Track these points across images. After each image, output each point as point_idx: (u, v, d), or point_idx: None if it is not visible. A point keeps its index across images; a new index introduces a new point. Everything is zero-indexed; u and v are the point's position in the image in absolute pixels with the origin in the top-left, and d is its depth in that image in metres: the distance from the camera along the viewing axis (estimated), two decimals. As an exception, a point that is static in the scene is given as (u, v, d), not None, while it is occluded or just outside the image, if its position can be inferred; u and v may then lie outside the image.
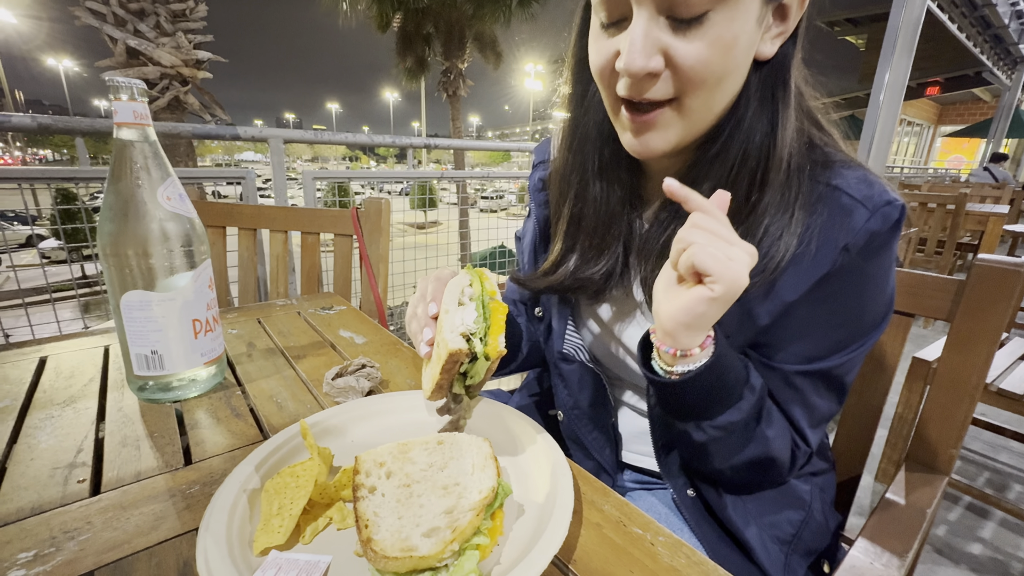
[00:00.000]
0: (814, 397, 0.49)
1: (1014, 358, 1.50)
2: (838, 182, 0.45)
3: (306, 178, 1.82)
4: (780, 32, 0.44)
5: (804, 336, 0.47)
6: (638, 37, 0.40)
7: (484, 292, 0.45)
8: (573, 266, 0.57)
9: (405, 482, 0.36)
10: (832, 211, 0.45)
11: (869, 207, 0.44)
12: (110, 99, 0.47)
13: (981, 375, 0.63)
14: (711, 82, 0.42)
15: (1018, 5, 7.43)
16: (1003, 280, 0.61)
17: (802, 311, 0.46)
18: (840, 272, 0.45)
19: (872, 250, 0.45)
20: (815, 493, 0.58)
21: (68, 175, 1.42)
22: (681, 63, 0.40)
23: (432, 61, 10.38)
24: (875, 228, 0.44)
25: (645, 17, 0.40)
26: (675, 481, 0.55)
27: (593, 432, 0.63)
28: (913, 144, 16.21)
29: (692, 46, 0.40)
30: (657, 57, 0.40)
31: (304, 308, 0.87)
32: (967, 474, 1.69)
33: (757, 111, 0.45)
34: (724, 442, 0.46)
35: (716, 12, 0.39)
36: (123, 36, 4.06)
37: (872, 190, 0.44)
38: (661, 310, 0.41)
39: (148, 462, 0.43)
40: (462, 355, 0.40)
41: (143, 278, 0.48)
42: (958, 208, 3.26)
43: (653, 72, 0.41)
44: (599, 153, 0.54)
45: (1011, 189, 5.30)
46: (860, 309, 0.47)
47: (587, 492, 0.41)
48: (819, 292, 0.46)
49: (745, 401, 0.45)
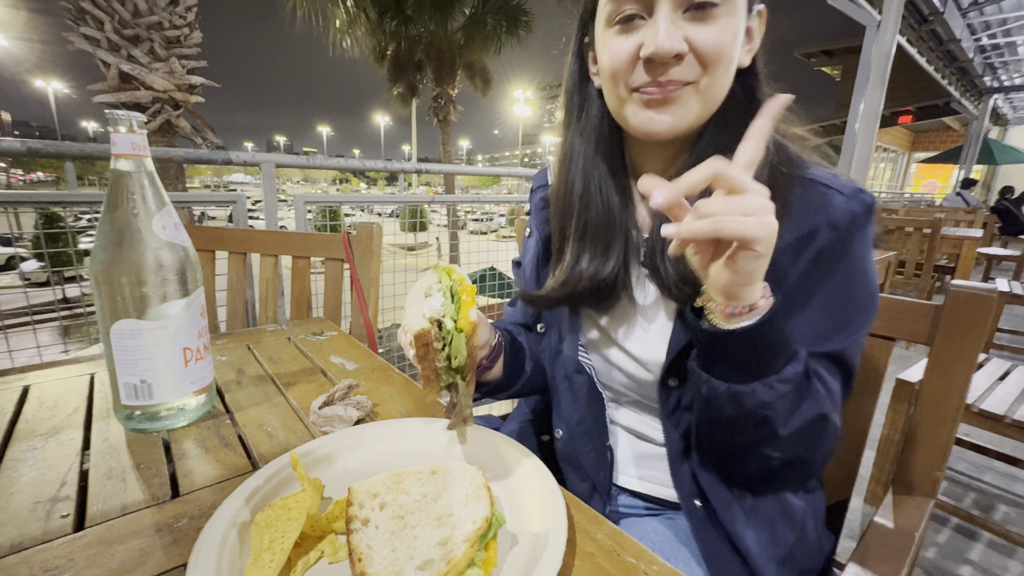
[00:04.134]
0: (827, 376, 0.51)
1: (993, 379, 1.54)
2: (813, 175, 0.52)
3: (297, 202, 1.83)
4: (750, 48, 0.54)
5: (811, 320, 0.51)
6: (665, 25, 0.47)
7: (451, 281, 0.47)
8: (585, 270, 0.60)
9: (399, 513, 0.36)
10: (813, 197, 0.50)
11: (845, 192, 0.50)
12: (109, 130, 0.47)
13: (961, 397, 0.65)
14: (724, 64, 0.49)
15: (981, 40, 7.84)
16: (977, 306, 0.63)
17: (806, 292, 0.50)
18: (830, 249, 0.50)
19: (854, 228, 0.50)
20: (808, 511, 0.58)
21: (55, 199, 1.41)
22: (701, 46, 0.48)
23: (423, 87, 10.58)
24: (854, 208, 0.49)
25: (668, 9, 0.48)
26: (685, 491, 0.56)
27: (591, 452, 0.64)
28: (889, 169, 16.78)
29: (708, 31, 0.48)
30: (682, 42, 0.47)
31: (295, 334, 0.86)
32: (954, 495, 1.70)
33: (739, 108, 0.53)
34: (789, 399, 0.46)
35: (722, 8, 0.48)
36: (116, 61, 4.09)
37: (844, 181, 0.51)
38: (716, 283, 0.42)
39: (134, 495, 0.43)
40: (428, 335, 0.43)
41: (135, 307, 0.48)
42: (934, 232, 3.36)
43: (680, 54, 0.48)
44: (599, 160, 0.59)
45: (982, 213, 5.50)
46: (851, 290, 0.51)
47: (580, 520, 0.41)
48: (815, 272, 0.50)
49: (800, 352, 0.46)
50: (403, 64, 9.97)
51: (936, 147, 15.83)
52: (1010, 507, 1.65)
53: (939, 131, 15.97)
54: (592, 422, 0.64)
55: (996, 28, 7.37)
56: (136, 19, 4.12)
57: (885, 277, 2.28)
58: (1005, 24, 7.19)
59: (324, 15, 7.64)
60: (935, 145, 16.06)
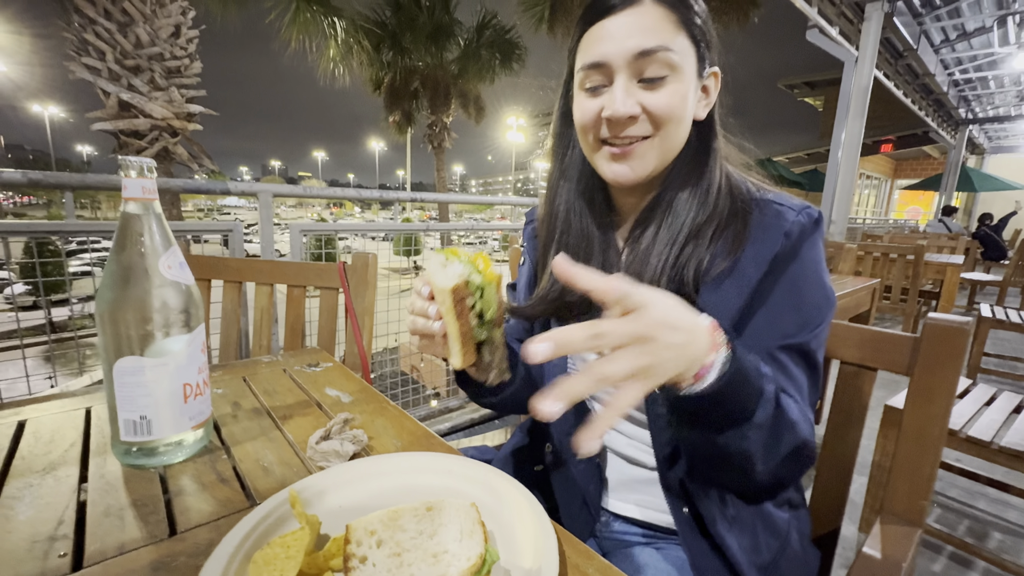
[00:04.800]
0: (795, 370, 0.56)
1: (980, 404, 1.56)
2: (767, 197, 0.60)
3: (293, 231, 1.86)
4: (707, 103, 0.62)
5: (773, 317, 0.56)
6: (621, 93, 0.55)
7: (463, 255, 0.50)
8: (562, 286, 0.65)
9: (396, 550, 0.37)
10: (768, 213, 0.58)
11: (795, 208, 0.58)
12: (120, 175, 0.49)
13: (943, 426, 0.67)
14: (674, 121, 0.57)
15: (954, 75, 8.20)
16: (953, 338, 0.66)
17: (764, 293, 0.56)
18: (784, 255, 0.56)
19: (804, 237, 0.57)
20: (792, 524, 0.62)
21: (52, 229, 1.42)
22: (652, 109, 0.56)
23: (418, 115, 10.81)
24: (803, 221, 0.57)
25: (624, 80, 0.56)
26: (673, 497, 0.59)
27: (580, 464, 0.67)
28: (873, 196, 17.21)
29: (658, 96, 0.56)
30: (635, 106, 0.56)
31: (290, 365, 0.87)
32: (947, 522, 1.70)
33: (696, 154, 0.62)
34: (762, 442, 0.48)
35: (671, 77, 0.56)
36: (116, 90, 4.16)
37: (794, 201, 0.60)
38: None
39: (132, 533, 0.43)
40: (463, 288, 0.45)
41: (139, 344, 0.49)
42: (917, 258, 3.45)
43: (633, 115, 0.56)
44: (580, 189, 0.67)
45: (964, 240, 5.64)
46: (806, 292, 0.57)
47: (571, 555, 0.42)
48: (773, 275, 0.56)
49: (767, 390, 0.48)
50: (399, 93, 10.21)
51: (918, 174, 16.31)
52: (1004, 535, 1.65)
53: (920, 159, 16.49)
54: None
55: (968, 64, 7.72)
56: (138, 50, 4.21)
57: (872, 303, 2.32)
58: (976, 60, 7.54)
59: (318, 46, 7.87)
60: (916, 172, 16.56)
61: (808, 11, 4.94)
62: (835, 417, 0.78)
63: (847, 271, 2.75)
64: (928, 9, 5.76)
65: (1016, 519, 1.74)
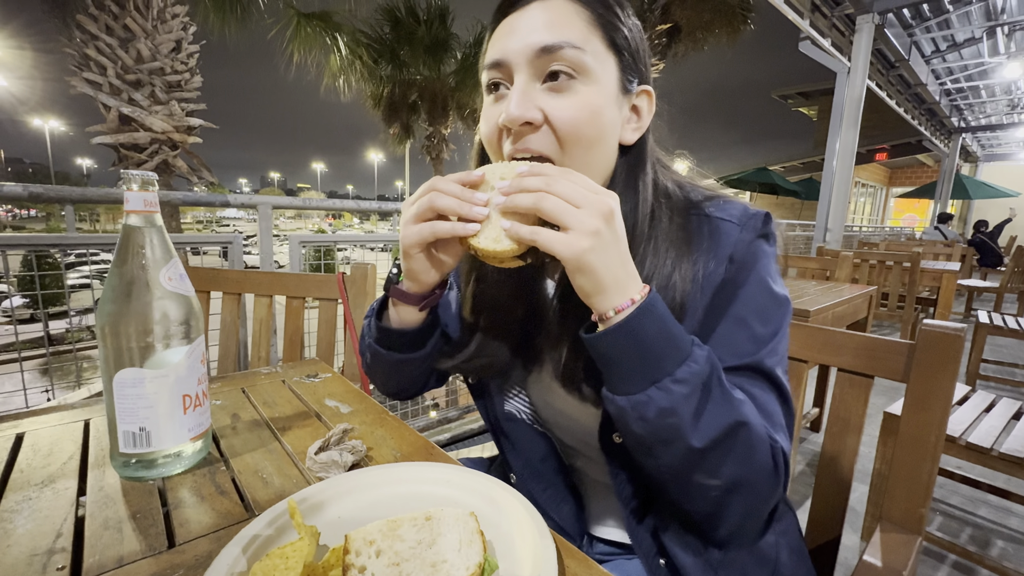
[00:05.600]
0: (756, 392, 0.50)
1: (979, 411, 1.56)
2: (709, 211, 0.55)
3: (292, 242, 1.86)
4: (637, 127, 0.55)
5: (721, 338, 0.51)
6: (517, 92, 0.49)
7: None
8: (475, 348, 0.60)
9: (395, 560, 0.37)
10: (713, 234, 0.53)
11: (737, 222, 0.53)
12: (122, 188, 0.50)
13: (940, 433, 0.67)
14: (584, 142, 0.50)
15: (945, 85, 8.31)
16: (948, 343, 0.66)
17: (712, 319, 0.52)
18: (733, 278, 0.52)
19: (751, 253, 0.53)
20: (780, 543, 0.58)
21: (52, 242, 1.43)
22: (555, 117, 0.49)
23: (417, 126, 10.89)
24: (747, 237, 0.53)
25: (524, 80, 0.49)
26: (646, 550, 0.55)
27: (547, 490, 0.64)
28: (869, 204, 17.33)
29: (563, 104, 0.49)
30: (534, 111, 0.49)
31: (289, 376, 0.87)
32: (949, 530, 1.70)
33: (623, 192, 0.53)
34: (691, 403, 0.43)
35: (581, 82, 0.49)
36: (117, 104, 4.20)
37: (735, 209, 0.54)
38: (575, 282, 0.44)
39: (130, 545, 0.43)
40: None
41: (139, 356, 0.50)
42: (913, 265, 3.47)
43: (530, 121, 0.49)
44: None
45: (960, 247, 5.67)
46: (759, 302, 0.52)
47: (570, 565, 0.42)
48: (720, 298, 0.52)
49: (697, 354, 0.44)
50: (397, 106, 10.30)
51: (912, 182, 16.45)
52: (1006, 542, 1.64)
53: (914, 167, 16.64)
54: (539, 461, 0.65)
55: (959, 73, 7.84)
56: (139, 65, 4.26)
57: (869, 310, 2.33)
58: (967, 70, 7.65)
59: (319, 60, 7.95)
60: (911, 180, 16.70)
61: (800, 23, 5.02)
62: (833, 425, 0.78)
63: (844, 278, 2.76)
64: (918, 21, 5.87)
65: (1018, 526, 1.73)
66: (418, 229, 0.48)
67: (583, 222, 0.41)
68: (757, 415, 0.48)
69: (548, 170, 0.44)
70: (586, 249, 0.41)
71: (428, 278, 0.54)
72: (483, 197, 0.47)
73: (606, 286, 0.43)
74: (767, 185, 10.16)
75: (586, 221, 0.41)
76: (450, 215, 0.47)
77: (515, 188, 0.44)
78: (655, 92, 0.56)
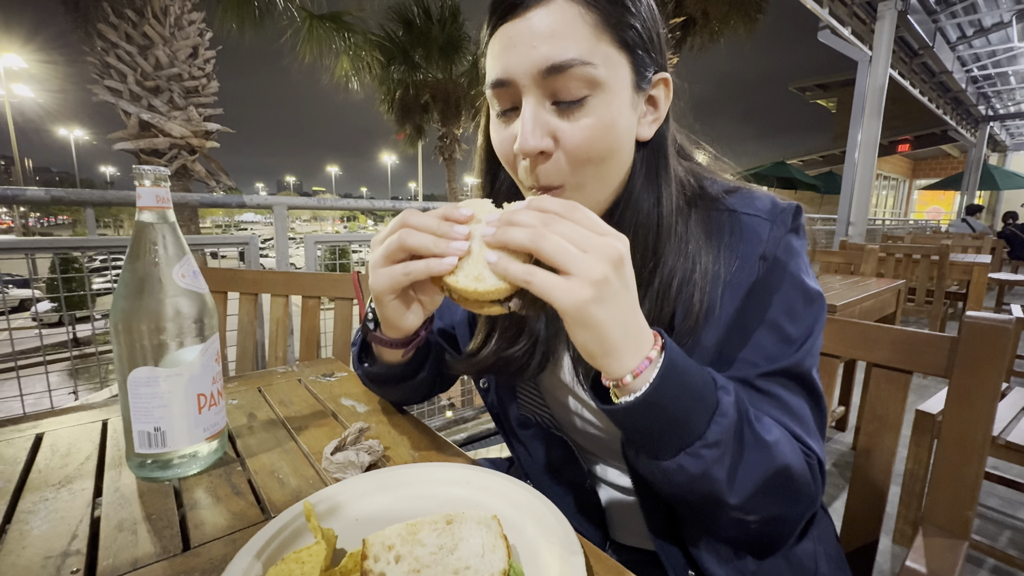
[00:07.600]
0: (788, 397, 0.48)
1: (1017, 409, 1.49)
2: (735, 206, 0.51)
3: (308, 242, 1.87)
4: (655, 118, 0.51)
5: (753, 343, 0.49)
6: (528, 120, 0.45)
7: None
8: (495, 346, 0.58)
9: (415, 567, 0.35)
10: (739, 231, 0.50)
11: (767, 217, 0.49)
12: (135, 184, 0.49)
13: (986, 431, 0.63)
14: (596, 160, 0.47)
15: (972, 72, 8.04)
16: (995, 337, 0.62)
17: (742, 322, 0.49)
18: (766, 278, 0.49)
19: (783, 251, 0.49)
20: (819, 551, 0.55)
21: (74, 244, 1.45)
22: (568, 142, 0.46)
23: (429, 127, 10.94)
24: (779, 234, 0.49)
25: (533, 103, 0.45)
26: (675, 562, 0.52)
27: (566, 496, 0.62)
28: (892, 197, 16.89)
29: (576, 127, 0.45)
30: (547, 139, 0.46)
31: (305, 375, 0.87)
32: (988, 534, 1.62)
33: (643, 187, 0.50)
34: (724, 463, 0.41)
35: (593, 97, 0.45)
36: (137, 110, 4.28)
37: (763, 204, 0.50)
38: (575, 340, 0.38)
39: (145, 548, 0.42)
40: None
41: (153, 354, 0.49)
42: (942, 259, 3.35)
43: (544, 151, 0.46)
44: None
45: (990, 239, 5.48)
46: (793, 302, 0.49)
47: (600, 572, 0.40)
48: (752, 300, 0.49)
49: (724, 404, 0.41)
50: (410, 107, 10.36)
51: (936, 174, 15.98)
52: (1049, 546, 1.57)
53: (938, 158, 16.17)
54: (556, 466, 0.62)
55: (986, 60, 7.57)
56: (157, 71, 4.34)
57: (896, 305, 2.25)
58: (995, 56, 7.39)
59: (331, 63, 8.03)
60: (935, 172, 16.23)
61: (819, 12, 4.90)
62: (868, 424, 0.75)
63: (870, 273, 2.68)
64: (943, 6, 5.68)
65: (1061, 530, 1.65)
66: (388, 272, 0.43)
67: (588, 267, 0.35)
68: (791, 444, 0.45)
69: (549, 204, 0.38)
70: (589, 300, 0.35)
71: (407, 324, 0.49)
72: (463, 230, 0.41)
73: (614, 345, 0.37)
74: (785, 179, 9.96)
75: (592, 267, 0.35)
76: (424, 254, 0.41)
77: (507, 220, 0.38)
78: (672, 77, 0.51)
